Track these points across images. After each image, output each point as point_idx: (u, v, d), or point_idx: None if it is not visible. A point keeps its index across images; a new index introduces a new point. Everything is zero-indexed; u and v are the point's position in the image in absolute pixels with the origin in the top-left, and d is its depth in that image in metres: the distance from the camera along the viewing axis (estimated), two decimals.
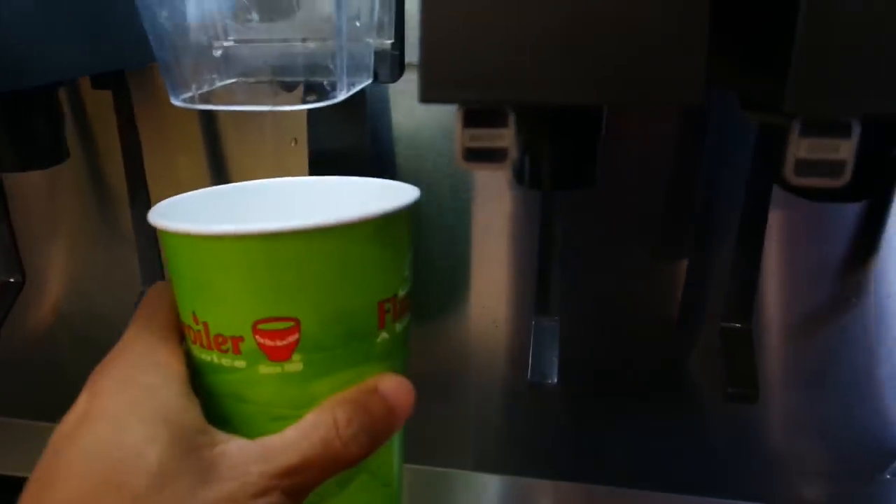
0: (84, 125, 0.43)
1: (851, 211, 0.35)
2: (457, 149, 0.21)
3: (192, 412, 0.22)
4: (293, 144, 0.42)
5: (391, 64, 0.31)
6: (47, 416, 0.52)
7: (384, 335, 0.24)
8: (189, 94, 0.28)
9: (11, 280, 0.41)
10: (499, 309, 0.43)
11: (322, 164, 0.38)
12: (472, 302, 0.43)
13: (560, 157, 0.24)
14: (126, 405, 0.21)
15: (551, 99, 0.19)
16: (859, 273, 0.38)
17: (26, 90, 0.26)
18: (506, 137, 0.20)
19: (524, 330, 0.39)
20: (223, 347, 0.23)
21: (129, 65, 0.32)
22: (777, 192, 0.32)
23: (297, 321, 0.22)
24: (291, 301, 0.22)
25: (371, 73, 0.31)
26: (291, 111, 0.30)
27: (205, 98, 0.28)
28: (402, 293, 0.25)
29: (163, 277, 0.44)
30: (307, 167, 0.40)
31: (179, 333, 0.25)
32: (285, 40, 0.31)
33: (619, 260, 0.40)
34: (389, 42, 0.31)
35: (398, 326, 0.25)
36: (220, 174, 0.44)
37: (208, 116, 0.43)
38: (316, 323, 0.23)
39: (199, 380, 0.25)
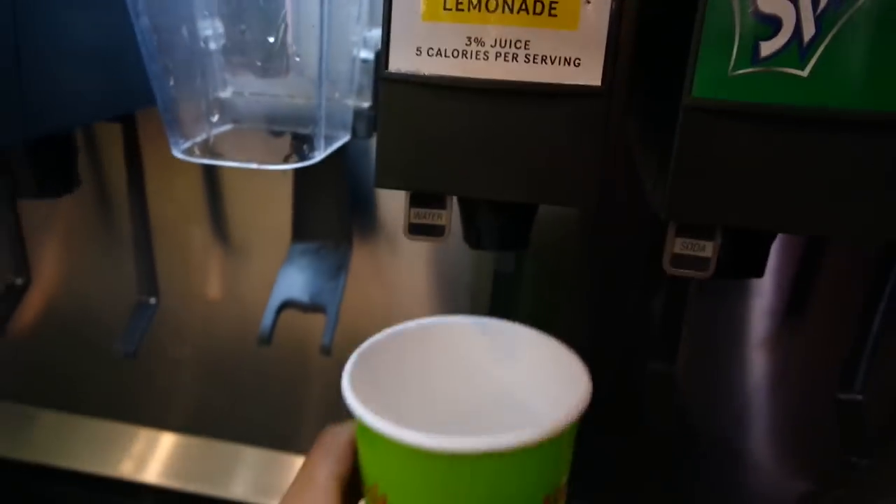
0: (93, 148, 0.47)
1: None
2: (403, 224, 0.25)
3: None
4: (282, 175, 0.46)
5: (367, 122, 0.36)
6: (36, 402, 0.57)
7: None
8: (188, 145, 0.32)
9: (18, 282, 0.46)
10: None
11: (305, 200, 0.42)
12: None
13: (498, 227, 0.29)
14: None
15: (476, 193, 0.23)
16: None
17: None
18: (443, 217, 0.25)
19: None
20: None
21: (138, 107, 0.36)
22: None
23: None
24: (467, 500, 0.24)
25: (349, 129, 0.36)
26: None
27: (202, 149, 0.32)
28: (564, 481, 0.26)
29: (157, 285, 0.48)
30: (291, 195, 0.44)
31: (342, 484, 0.27)
32: (275, 95, 0.35)
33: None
34: (367, 104, 0.36)
35: None
36: (214, 196, 0.49)
37: None
38: None
39: None
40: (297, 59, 0.32)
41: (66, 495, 0.55)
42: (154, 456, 0.56)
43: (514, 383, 0.31)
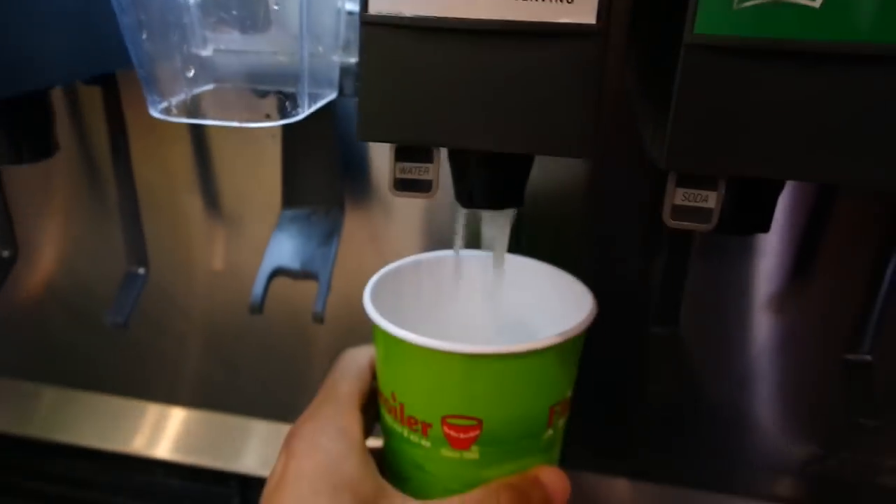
0: (76, 114, 0.46)
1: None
2: (389, 179, 0.24)
3: (370, 480, 0.26)
4: (271, 139, 0.45)
5: (355, 79, 0.34)
6: (37, 378, 0.57)
7: (550, 432, 0.28)
8: (166, 105, 0.31)
9: (5, 254, 0.45)
10: None
11: (295, 164, 0.41)
12: None
13: (490, 184, 0.27)
14: (316, 471, 0.25)
15: (464, 145, 0.22)
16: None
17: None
18: (430, 171, 0.24)
19: None
20: (413, 427, 0.27)
21: (117, 67, 0.35)
22: None
23: (481, 421, 0.26)
24: (478, 406, 0.26)
25: (336, 87, 0.34)
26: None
27: (180, 108, 0.31)
28: (569, 395, 0.28)
29: (147, 255, 0.47)
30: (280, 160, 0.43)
31: (362, 398, 0.28)
32: (258, 52, 0.34)
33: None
34: (354, 60, 0.34)
35: (561, 422, 0.28)
36: (203, 162, 0.47)
37: None
38: (496, 424, 0.26)
39: (387, 441, 0.29)
40: (276, 7, 0.30)
41: (72, 470, 0.55)
42: (160, 430, 0.56)
43: (524, 309, 0.33)
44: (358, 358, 0.30)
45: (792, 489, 0.47)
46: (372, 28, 0.21)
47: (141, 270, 0.44)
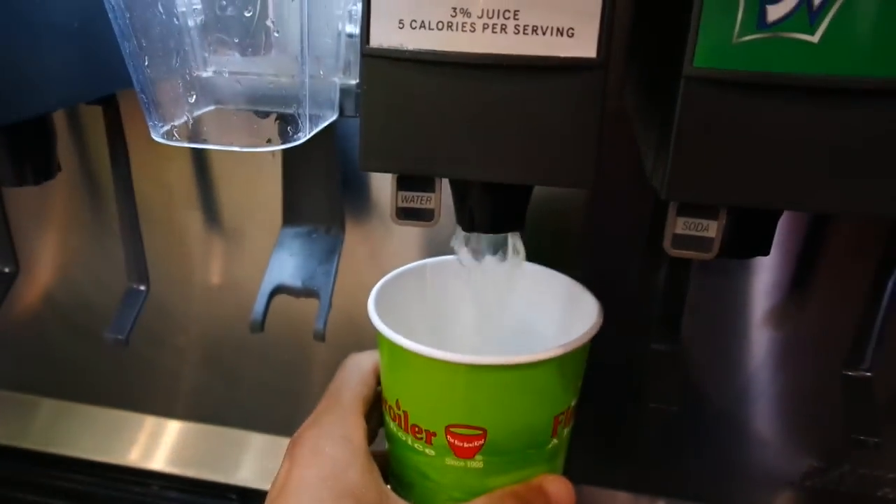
0: (77, 132, 0.46)
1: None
2: (391, 208, 0.24)
3: (373, 487, 0.26)
4: (271, 157, 0.45)
5: (355, 100, 0.34)
6: (36, 390, 0.57)
7: (555, 441, 0.28)
8: (167, 128, 0.31)
9: (6, 270, 0.45)
10: None
11: (295, 182, 0.41)
12: None
13: (491, 209, 0.28)
14: (319, 479, 0.25)
15: (465, 175, 0.22)
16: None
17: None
18: (432, 200, 0.24)
19: None
20: (418, 435, 0.27)
21: (118, 88, 0.35)
22: None
23: (485, 431, 0.26)
24: (483, 415, 0.26)
25: (336, 108, 0.34)
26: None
27: (181, 132, 0.31)
28: (573, 404, 0.28)
29: (147, 272, 0.47)
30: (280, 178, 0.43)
31: (366, 405, 0.28)
32: (259, 74, 0.34)
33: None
34: (354, 81, 0.34)
35: (566, 432, 0.28)
36: (203, 180, 0.47)
37: None
38: (501, 434, 0.26)
39: (392, 447, 0.29)
40: (277, 34, 0.30)
41: (71, 482, 0.55)
42: (157, 443, 0.56)
43: (530, 316, 0.33)
44: (362, 363, 0.30)
45: (792, 502, 0.47)
46: (373, 60, 0.22)
47: (141, 287, 0.44)
